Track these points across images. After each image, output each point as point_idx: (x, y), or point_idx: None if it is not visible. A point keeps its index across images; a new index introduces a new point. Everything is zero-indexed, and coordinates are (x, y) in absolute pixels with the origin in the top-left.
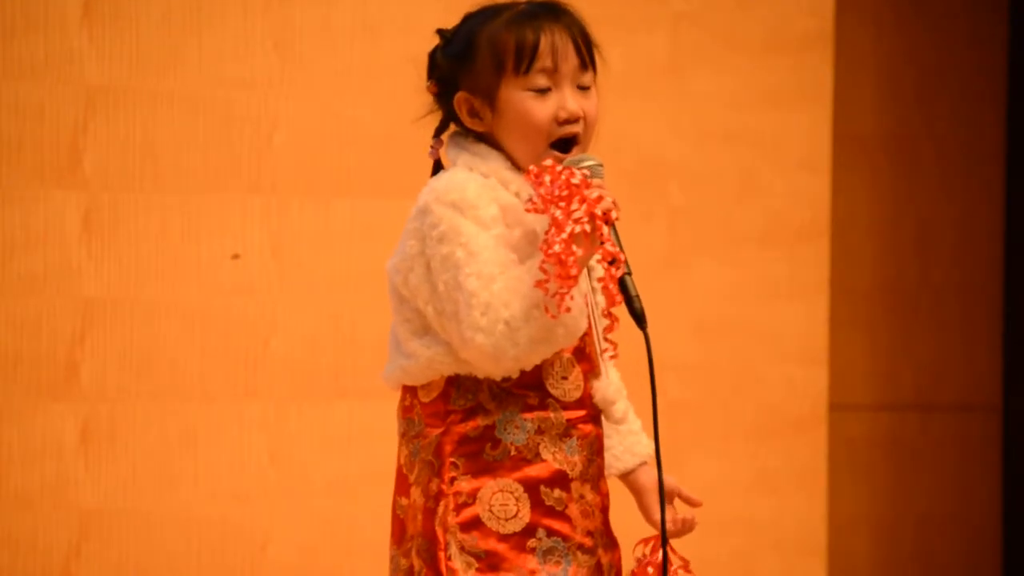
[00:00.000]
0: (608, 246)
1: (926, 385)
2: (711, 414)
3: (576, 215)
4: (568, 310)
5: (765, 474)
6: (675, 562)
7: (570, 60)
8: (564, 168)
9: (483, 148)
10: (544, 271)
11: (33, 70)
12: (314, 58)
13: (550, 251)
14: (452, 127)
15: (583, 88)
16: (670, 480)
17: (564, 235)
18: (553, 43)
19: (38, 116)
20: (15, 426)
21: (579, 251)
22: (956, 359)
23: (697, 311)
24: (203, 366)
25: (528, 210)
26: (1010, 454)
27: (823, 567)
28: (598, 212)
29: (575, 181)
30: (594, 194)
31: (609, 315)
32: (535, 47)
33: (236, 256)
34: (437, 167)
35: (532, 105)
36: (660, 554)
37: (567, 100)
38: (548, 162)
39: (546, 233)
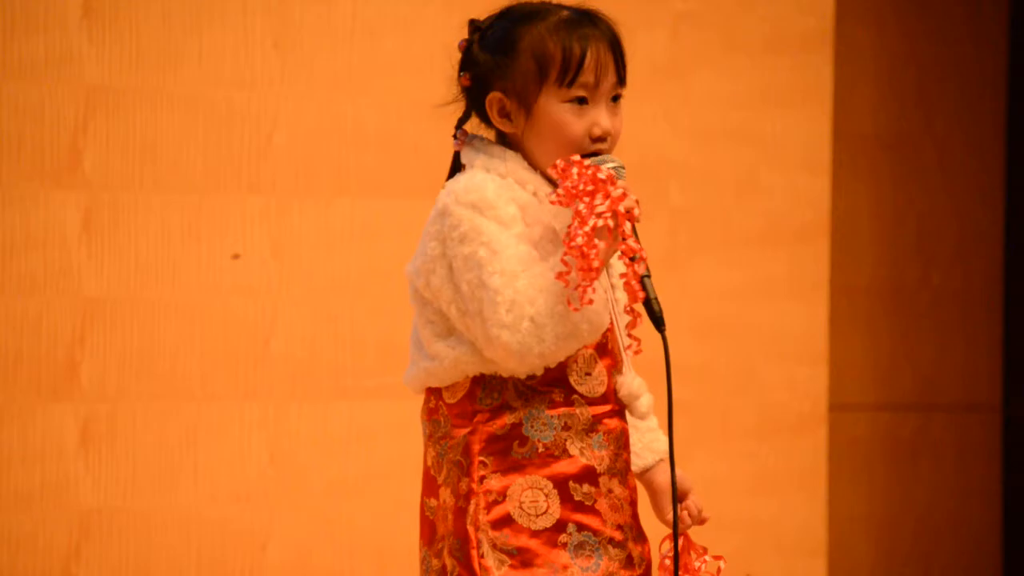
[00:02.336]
0: (631, 242)
1: (926, 385)
2: (711, 414)
3: (599, 209)
4: (591, 302)
5: (765, 474)
6: (695, 553)
7: (610, 76)
8: (591, 164)
9: (498, 149)
10: (566, 263)
11: (33, 70)
12: (314, 58)
13: (572, 243)
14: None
15: (614, 100)
16: (686, 479)
17: (587, 228)
18: (598, 58)
19: (38, 116)
20: (15, 426)
21: (601, 244)
22: (956, 359)
23: (697, 311)
24: (203, 366)
25: (553, 202)
26: (1010, 454)
27: (823, 567)
28: (621, 209)
29: (601, 176)
30: (618, 191)
31: (631, 311)
32: (581, 61)
33: (236, 256)
34: (457, 160)
35: (569, 119)
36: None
37: (602, 118)
38: (576, 157)
39: (569, 226)
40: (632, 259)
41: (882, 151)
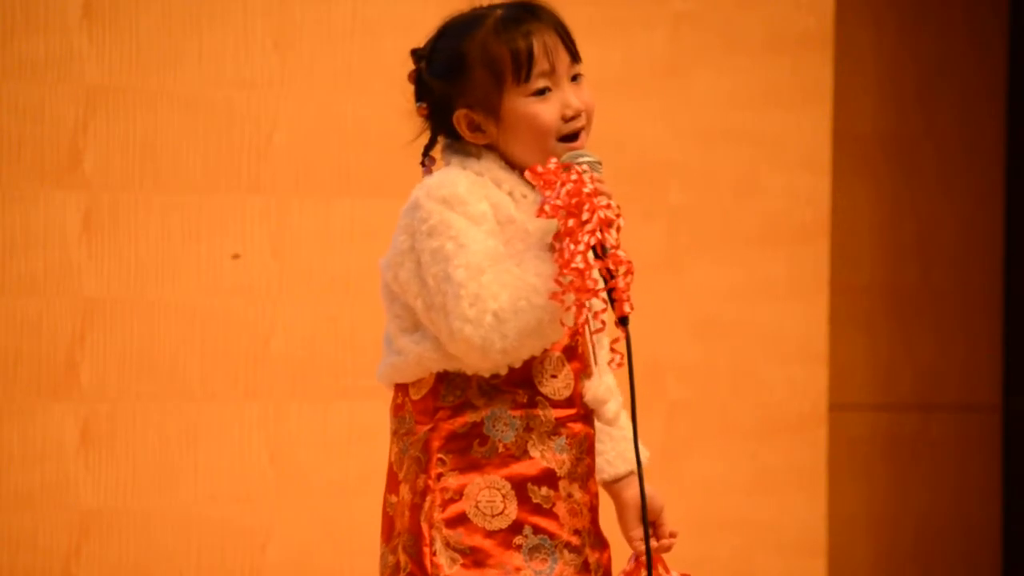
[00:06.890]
0: (620, 253)
1: (926, 385)
2: (711, 414)
3: (589, 227)
4: (586, 321)
5: (765, 474)
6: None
7: (562, 57)
8: (570, 171)
9: (475, 148)
10: (559, 283)
11: (33, 70)
12: (314, 58)
13: (572, 264)
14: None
15: (575, 79)
16: (657, 496)
17: (581, 247)
18: (545, 44)
19: (38, 116)
20: (15, 426)
21: (594, 262)
22: (956, 359)
23: (697, 311)
24: (203, 366)
25: (539, 215)
26: (1010, 454)
27: (823, 567)
28: (611, 227)
29: (586, 190)
30: (603, 201)
31: (617, 324)
32: (530, 53)
33: (236, 256)
34: None
35: (538, 109)
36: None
37: (569, 97)
38: (552, 164)
39: (559, 243)
40: (610, 273)
41: (882, 151)
